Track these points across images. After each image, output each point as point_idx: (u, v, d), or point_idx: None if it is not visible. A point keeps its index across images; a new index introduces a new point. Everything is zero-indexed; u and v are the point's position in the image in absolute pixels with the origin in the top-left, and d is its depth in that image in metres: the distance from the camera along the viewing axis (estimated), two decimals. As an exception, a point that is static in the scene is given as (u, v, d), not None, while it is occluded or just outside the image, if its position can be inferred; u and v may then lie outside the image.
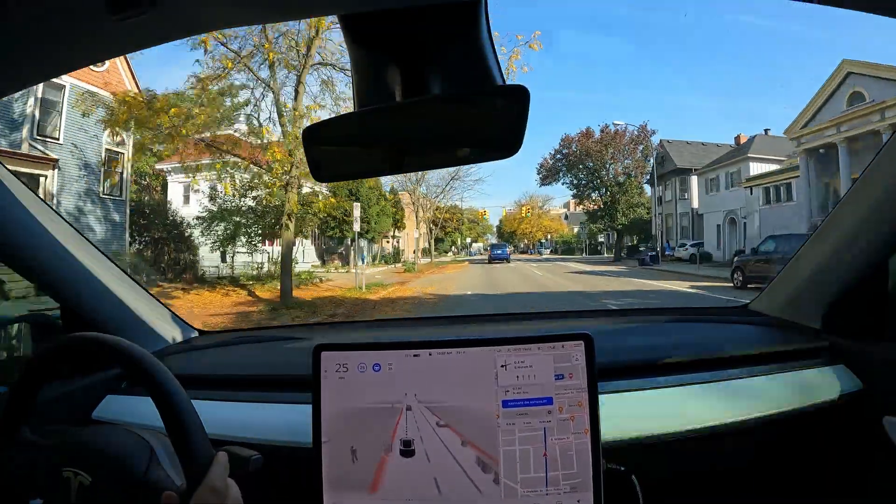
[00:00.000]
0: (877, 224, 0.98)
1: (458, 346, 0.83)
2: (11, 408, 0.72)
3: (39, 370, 0.73)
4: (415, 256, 27.05)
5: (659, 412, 0.94)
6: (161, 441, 0.73)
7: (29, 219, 0.98)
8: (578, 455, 0.80)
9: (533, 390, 0.81)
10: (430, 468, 0.80)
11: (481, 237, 54.42)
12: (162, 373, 0.68)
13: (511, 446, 0.80)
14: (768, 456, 0.99)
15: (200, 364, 1.22)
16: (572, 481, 0.79)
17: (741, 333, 1.23)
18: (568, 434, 0.80)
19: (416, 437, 0.81)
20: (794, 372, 1.03)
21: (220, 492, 0.64)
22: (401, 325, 1.80)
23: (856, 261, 1.05)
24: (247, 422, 0.97)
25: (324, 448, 0.82)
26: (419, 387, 0.82)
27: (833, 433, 1.00)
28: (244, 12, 0.59)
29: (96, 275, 1.11)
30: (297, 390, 1.00)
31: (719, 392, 0.98)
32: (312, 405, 0.83)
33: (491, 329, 1.53)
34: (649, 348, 1.12)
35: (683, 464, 0.96)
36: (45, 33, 0.59)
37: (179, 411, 0.66)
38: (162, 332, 1.28)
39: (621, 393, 0.97)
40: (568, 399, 0.81)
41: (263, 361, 1.27)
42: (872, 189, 0.97)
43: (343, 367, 0.83)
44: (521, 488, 0.79)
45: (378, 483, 0.81)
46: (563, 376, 0.82)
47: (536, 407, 0.81)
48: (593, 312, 1.87)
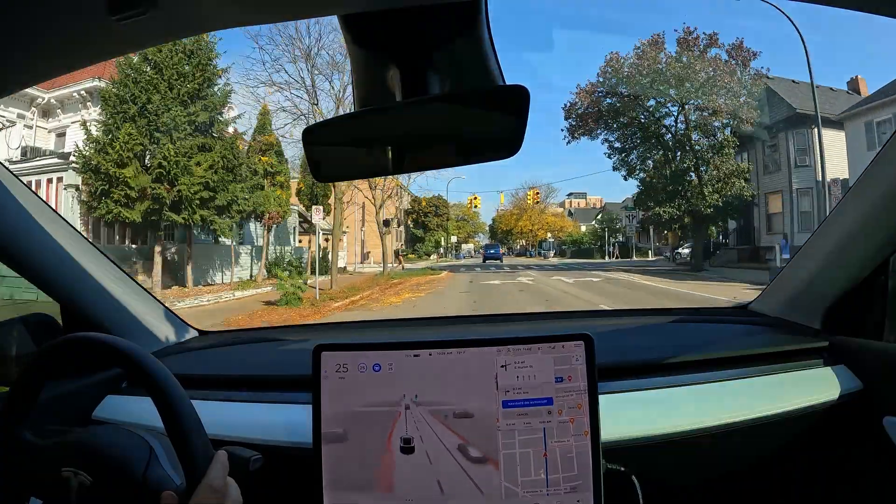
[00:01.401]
0: (877, 224, 0.98)
1: (459, 346, 0.83)
2: (11, 408, 0.72)
3: (39, 370, 0.73)
4: (376, 264, 19.85)
5: (659, 413, 0.94)
6: (161, 441, 0.73)
7: (29, 219, 0.98)
8: (579, 456, 0.80)
9: (533, 391, 0.81)
10: (430, 469, 0.80)
11: (472, 238, 46.00)
12: (161, 373, 0.68)
13: (511, 449, 0.80)
14: (769, 456, 0.99)
15: (200, 364, 1.22)
16: (573, 482, 0.79)
17: (741, 334, 1.23)
18: (568, 435, 0.80)
19: (416, 437, 0.81)
20: (794, 372, 1.03)
21: (220, 491, 0.64)
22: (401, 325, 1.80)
23: (856, 261, 1.05)
24: (247, 422, 0.97)
25: (324, 448, 0.82)
26: (419, 387, 0.82)
27: (833, 433, 1.00)
28: (244, 13, 0.59)
29: (96, 275, 1.11)
30: (297, 390, 1.00)
31: (720, 392, 0.98)
32: (312, 405, 0.83)
33: (491, 330, 1.53)
34: (650, 349, 1.12)
35: (684, 464, 0.96)
36: (45, 33, 0.59)
37: (179, 411, 0.66)
38: (162, 332, 1.28)
39: (622, 393, 0.97)
40: (568, 400, 0.81)
41: (263, 361, 1.27)
42: (873, 189, 0.97)
43: (343, 368, 0.83)
44: (521, 490, 0.79)
45: (378, 483, 0.81)
46: (563, 378, 0.82)
47: (536, 407, 0.81)
48: (593, 313, 1.87)
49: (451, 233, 36.44)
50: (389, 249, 20.01)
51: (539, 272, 18.35)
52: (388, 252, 18.87)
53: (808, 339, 1.12)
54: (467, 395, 0.82)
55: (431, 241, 34.57)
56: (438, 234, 34.70)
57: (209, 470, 0.64)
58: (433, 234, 34.55)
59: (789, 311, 1.22)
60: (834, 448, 1.01)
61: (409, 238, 34.85)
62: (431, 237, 34.60)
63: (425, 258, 31.94)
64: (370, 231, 24.35)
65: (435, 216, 34.32)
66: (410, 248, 33.78)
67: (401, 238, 30.65)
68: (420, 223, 34.57)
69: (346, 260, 21.13)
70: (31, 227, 0.99)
